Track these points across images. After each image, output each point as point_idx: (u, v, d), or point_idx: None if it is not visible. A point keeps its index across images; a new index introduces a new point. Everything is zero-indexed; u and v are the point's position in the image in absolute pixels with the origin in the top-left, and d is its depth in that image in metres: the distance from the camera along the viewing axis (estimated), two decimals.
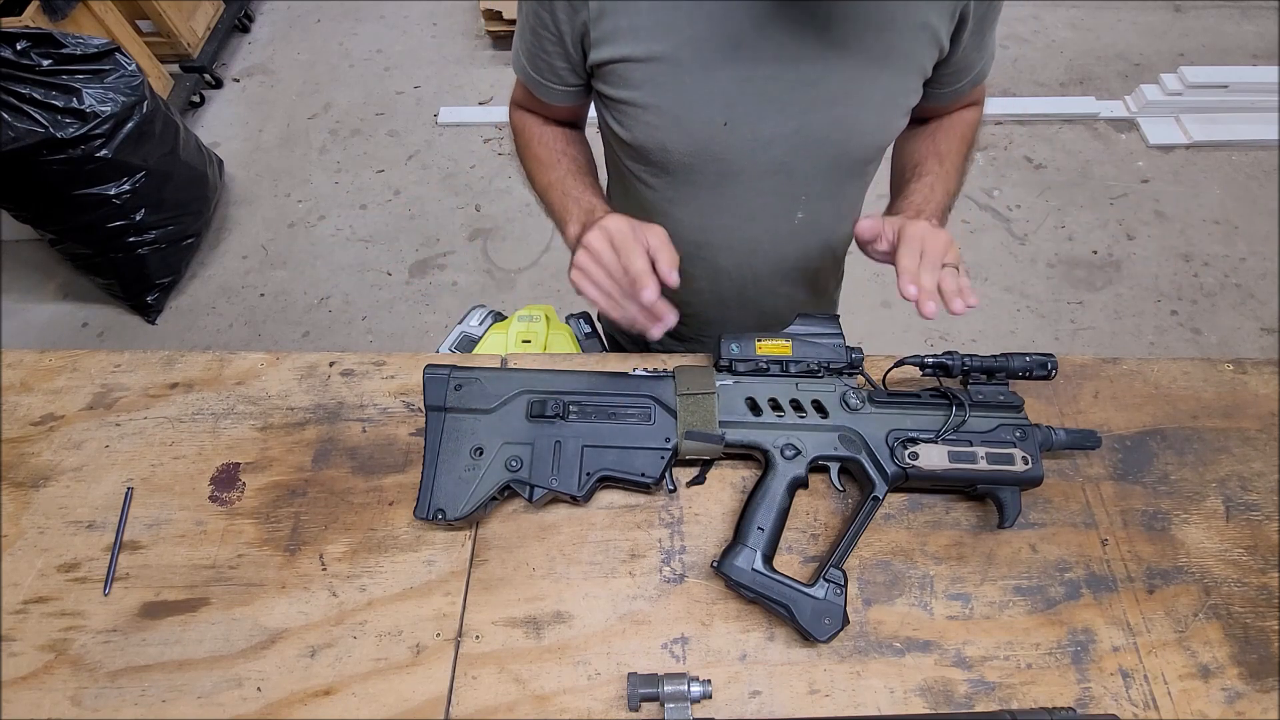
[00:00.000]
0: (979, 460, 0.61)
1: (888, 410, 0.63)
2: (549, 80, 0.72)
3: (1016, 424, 0.62)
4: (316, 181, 2.27)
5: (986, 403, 0.63)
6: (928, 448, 0.61)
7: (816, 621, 0.55)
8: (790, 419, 0.63)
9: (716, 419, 0.62)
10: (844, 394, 0.63)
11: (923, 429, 0.62)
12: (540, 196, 0.78)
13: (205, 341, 1.92)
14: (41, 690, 0.56)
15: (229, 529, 0.63)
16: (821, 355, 0.64)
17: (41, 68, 1.58)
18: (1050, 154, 2.26)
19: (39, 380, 0.73)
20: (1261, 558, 0.61)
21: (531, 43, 0.70)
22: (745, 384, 0.64)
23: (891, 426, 0.62)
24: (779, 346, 0.64)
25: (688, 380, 0.64)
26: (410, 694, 0.55)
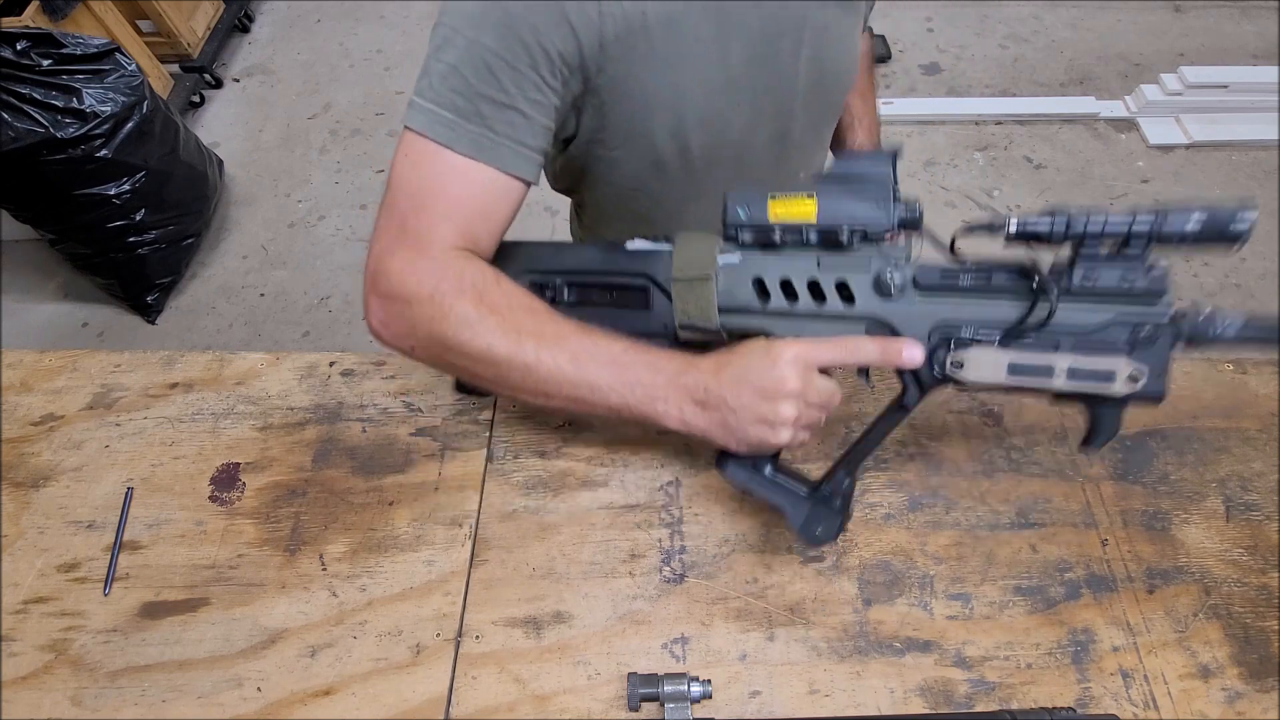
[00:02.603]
0: (1056, 375, 0.46)
1: (937, 296, 0.49)
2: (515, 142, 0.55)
3: (1140, 320, 0.45)
4: (316, 181, 2.27)
5: (1097, 289, 0.45)
6: (982, 352, 0.47)
7: (808, 528, 0.53)
8: (805, 306, 0.51)
9: (714, 307, 0.53)
10: (879, 272, 0.49)
11: (985, 323, 0.47)
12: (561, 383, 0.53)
13: (205, 341, 1.92)
14: (41, 690, 0.56)
15: (229, 529, 0.63)
16: (857, 216, 0.48)
17: (41, 68, 1.58)
18: (1050, 154, 2.26)
19: (39, 380, 0.73)
20: (1261, 558, 0.61)
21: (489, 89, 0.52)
22: (754, 261, 0.52)
23: (940, 319, 0.49)
24: (799, 206, 0.49)
25: (685, 258, 0.54)
26: (410, 694, 0.55)
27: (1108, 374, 0.46)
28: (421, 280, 0.54)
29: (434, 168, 0.54)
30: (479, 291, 0.53)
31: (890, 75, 2.48)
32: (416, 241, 0.54)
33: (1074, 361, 0.46)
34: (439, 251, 0.54)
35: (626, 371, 0.53)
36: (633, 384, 0.53)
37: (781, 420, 0.51)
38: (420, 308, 0.54)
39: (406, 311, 0.54)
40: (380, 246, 0.56)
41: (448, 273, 0.54)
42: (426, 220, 0.54)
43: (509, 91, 0.52)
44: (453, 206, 0.55)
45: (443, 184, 0.54)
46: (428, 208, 0.54)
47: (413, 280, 0.54)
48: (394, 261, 0.55)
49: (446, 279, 0.53)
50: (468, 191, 0.55)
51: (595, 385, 0.53)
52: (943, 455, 0.67)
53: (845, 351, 0.50)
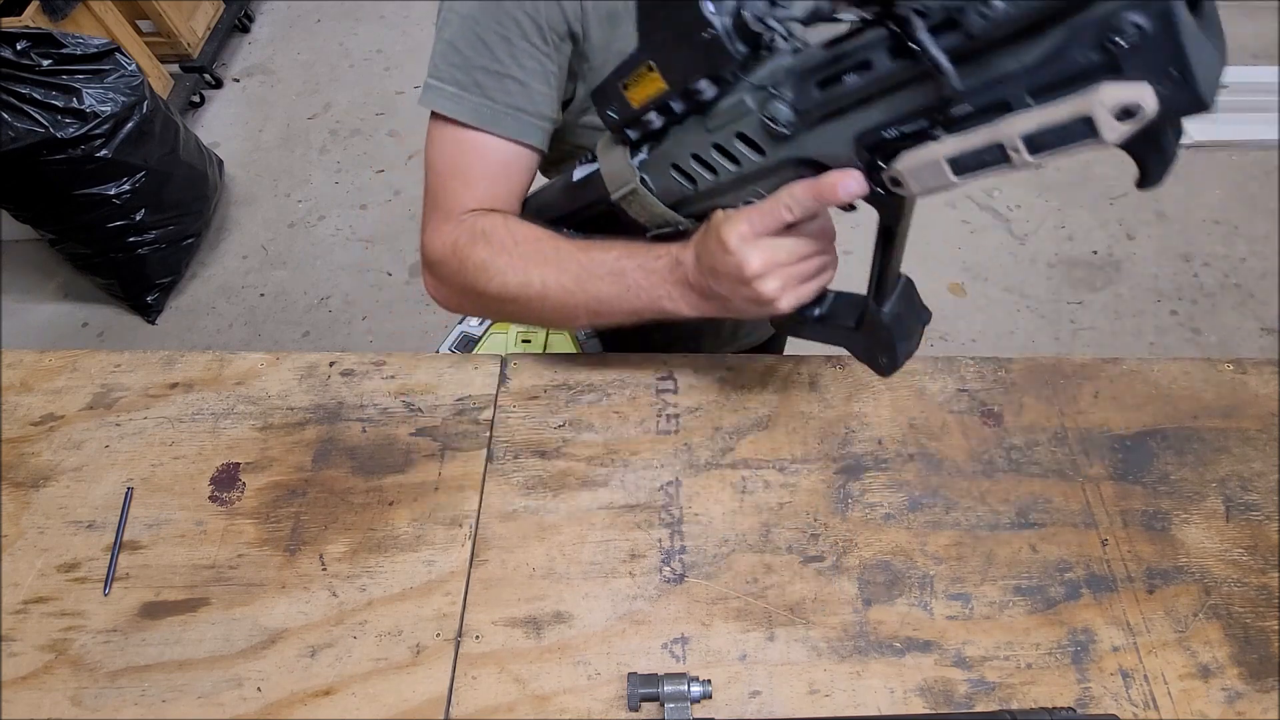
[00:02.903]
0: (1015, 154, 0.33)
1: (830, 113, 0.40)
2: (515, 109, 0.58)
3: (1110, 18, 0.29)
4: (316, 181, 2.27)
5: (1015, 16, 0.30)
6: (914, 158, 0.37)
7: (872, 359, 0.53)
8: (727, 173, 0.47)
9: (662, 208, 0.52)
10: (762, 109, 0.42)
11: (903, 115, 0.37)
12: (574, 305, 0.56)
13: (205, 341, 1.92)
14: (41, 690, 0.56)
15: (229, 529, 0.63)
16: (689, 61, 0.41)
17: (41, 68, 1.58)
18: None
19: (39, 380, 0.73)
20: (1261, 558, 0.61)
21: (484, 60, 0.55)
22: (663, 151, 0.50)
23: (856, 131, 0.40)
24: (649, 83, 0.45)
25: (610, 175, 0.53)
26: (410, 694, 0.55)
27: (1083, 122, 0.31)
28: (444, 242, 0.60)
29: (447, 141, 0.59)
30: (487, 236, 0.58)
31: None
32: (444, 211, 0.61)
33: (1032, 123, 0.32)
34: (457, 214, 0.60)
35: (625, 279, 0.54)
36: (635, 289, 0.54)
37: (769, 296, 0.49)
38: (448, 266, 0.60)
39: (442, 272, 0.61)
40: (423, 221, 0.63)
41: (463, 229, 0.59)
42: (448, 191, 0.60)
43: (503, 61, 0.55)
44: (469, 175, 0.59)
45: (456, 155, 0.59)
46: (448, 179, 0.60)
47: (439, 243, 0.61)
48: (428, 233, 0.62)
49: (462, 235, 0.59)
50: (477, 160, 0.59)
51: (603, 299, 0.55)
52: (943, 455, 0.67)
53: (781, 208, 0.46)
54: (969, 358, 0.73)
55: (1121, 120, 0.30)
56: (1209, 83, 0.29)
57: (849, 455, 0.67)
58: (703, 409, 0.70)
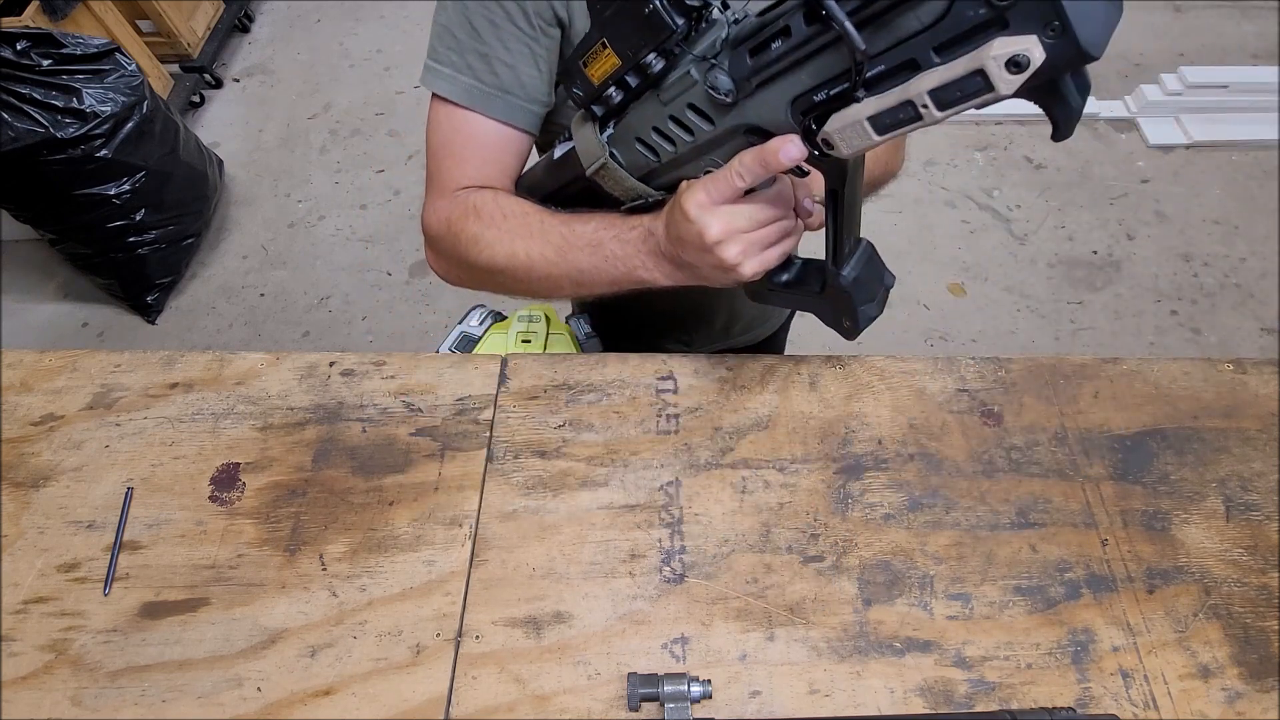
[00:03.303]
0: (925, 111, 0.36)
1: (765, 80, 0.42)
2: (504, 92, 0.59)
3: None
4: (316, 181, 2.27)
5: None
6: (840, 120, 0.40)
7: (836, 322, 0.55)
8: (685, 144, 0.50)
9: (633, 181, 0.54)
10: (705, 80, 0.45)
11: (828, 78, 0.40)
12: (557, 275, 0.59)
13: (205, 341, 1.92)
14: (41, 690, 0.56)
15: (229, 529, 0.63)
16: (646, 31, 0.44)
17: (41, 68, 1.58)
18: (1050, 154, 2.26)
19: (39, 380, 0.73)
20: (1261, 558, 0.61)
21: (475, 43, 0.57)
22: (626, 125, 0.52)
23: (790, 96, 0.42)
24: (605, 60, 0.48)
25: (583, 151, 0.55)
26: (410, 694, 0.55)
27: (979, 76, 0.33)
28: (439, 217, 0.62)
29: (443, 121, 0.61)
30: (477, 211, 0.60)
31: None
32: (440, 188, 0.63)
33: (935, 80, 0.34)
34: (451, 191, 0.62)
35: (602, 249, 0.57)
36: (612, 260, 0.56)
37: (731, 262, 0.50)
38: (443, 241, 0.63)
39: (440, 247, 0.64)
40: (424, 201, 0.65)
41: (456, 204, 0.61)
42: (444, 169, 0.62)
43: (491, 45, 0.57)
44: (462, 154, 0.61)
45: (450, 135, 0.61)
46: (444, 158, 0.62)
47: (435, 219, 0.63)
48: (427, 210, 0.64)
49: (455, 209, 0.61)
50: (470, 139, 0.61)
51: (584, 269, 0.57)
52: (943, 455, 0.67)
53: (732, 175, 0.47)
54: (969, 358, 0.74)
55: (1012, 73, 0.32)
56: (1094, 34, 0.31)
57: (849, 455, 0.67)
58: (703, 409, 0.70)
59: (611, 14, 0.45)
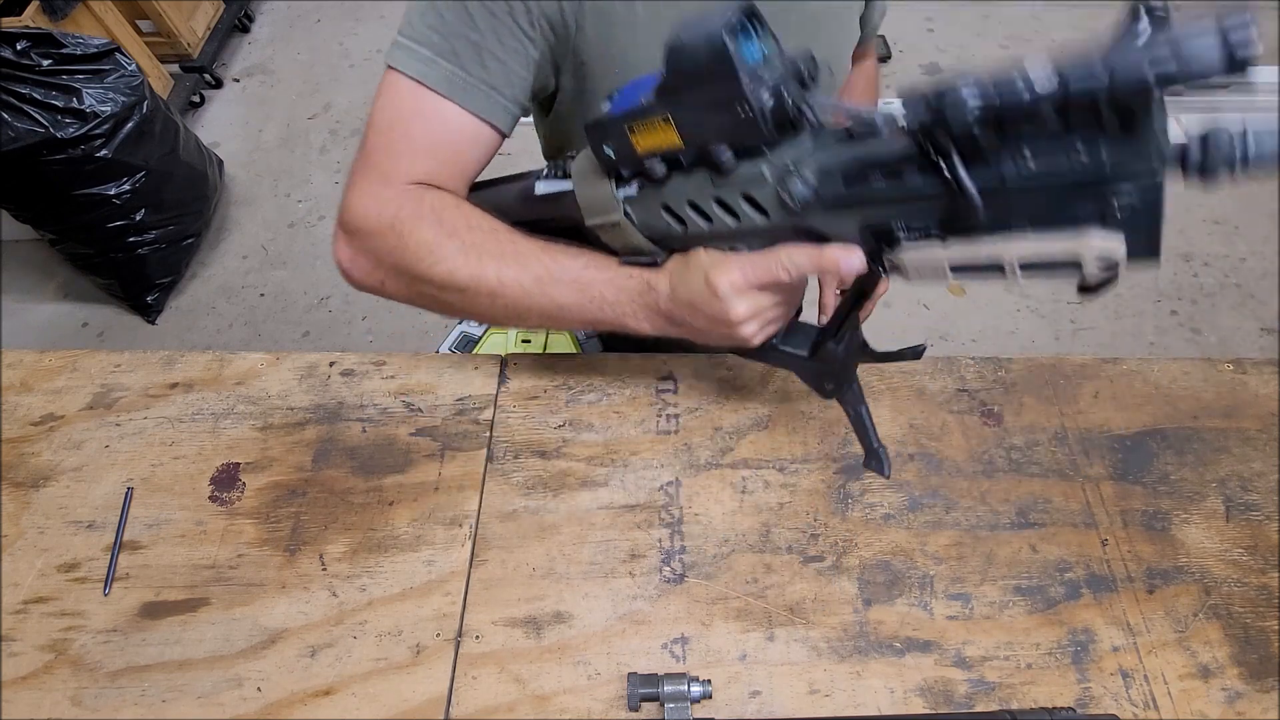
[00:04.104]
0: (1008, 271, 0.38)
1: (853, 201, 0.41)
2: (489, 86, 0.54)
3: (1115, 184, 0.33)
4: (316, 181, 2.27)
5: (1045, 175, 0.34)
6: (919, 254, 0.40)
7: (819, 384, 0.56)
8: (723, 225, 0.46)
9: (642, 240, 0.51)
10: (780, 184, 0.42)
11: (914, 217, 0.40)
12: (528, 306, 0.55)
13: (205, 341, 1.92)
14: (41, 690, 0.56)
15: (229, 529, 0.63)
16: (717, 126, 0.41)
17: (41, 68, 1.58)
18: None
19: (39, 380, 0.73)
20: (1261, 558, 0.61)
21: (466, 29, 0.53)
22: (656, 192, 0.48)
23: (865, 219, 0.41)
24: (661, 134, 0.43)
25: (588, 201, 0.51)
26: (410, 694, 0.55)
27: (1072, 261, 0.35)
28: (382, 210, 0.54)
29: (406, 103, 0.54)
30: (438, 215, 0.54)
31: (890, 75, 2.48)
32: (381, 175, 0.55)
33: (1028, 251, 0.36)
34: (401, 183, 0.55)
35: (590, 291, 0.53)
36: (599, 302, 0.54)
37: (744, 337, 0.51)
38: (382, 239, 0.55)
39: (370, 244, 0.56)
40: (349, 180, 0.57)
41: (408, 201, 0.54)
42: (394, 154, 0.55)
43: (485, 35, 0.52)
44: (421, 143, 0.55)
45: (413, 120, 0.54)
46: (396, 142, 0.55)
47: (374, 210, 0.55)
48: (358, 194, 0.56)
49: (405, 206, 0.54)
50: (437, 130, 0.55)
51: (562, 305, 0.54)
52: (943, 455, 0.67)
53: (779, 268, 0.47)
54: (969, 358, 0.74)
55: (1101, 268, 0.35)
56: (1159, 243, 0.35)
57: (849, 455, 0.67)
58: (703, 409, 0.70)
59: (691, 99, 0.41)
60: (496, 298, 0.54)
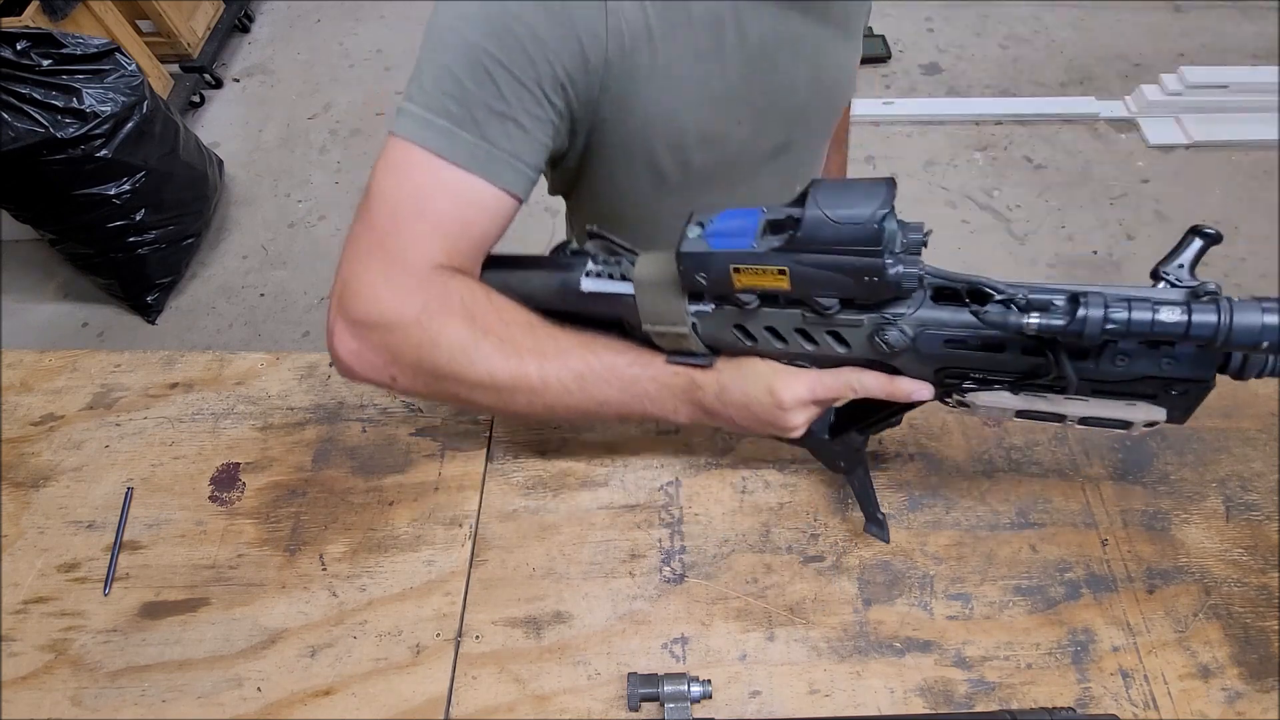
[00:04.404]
0: (1068, 421, 0.44)
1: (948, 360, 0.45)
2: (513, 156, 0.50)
3: (1184, 380, 0.41)
4: (317, 181, 2.27)
5: (1129, 376, 0.41)
6: (990, 397, 0.45)
7: (835, 463, 0.59)
8: (800, 349, 0.48)
9: (701, 348, 0.51)
10: (878, 329, 0.44)
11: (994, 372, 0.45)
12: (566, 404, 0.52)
13: (205, 341, 1.92)
14: (41, 690, 0.56)
15: (229, 529, 0.63)
16: (838, 285, 0.42)
17: (41, 68, 1.58)
18: (1050, 154, 2.26)
19: (39, 380, 0.73)
20: (1261, 558, 0.61)
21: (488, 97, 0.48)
22: (734, 313, 0.48)
23: (945, 366, 0.46)
24: (769, 279, 0.43)
25: (652, 310, 0.49)
26: (410, 694, 0.55)
27: (1124, 422, 0.43)
28: (405, 302, 0.49)
29: (423, 178, 0.49)
30: (470, 311, 0.50)
31: (890, 75, 2.48)
32: (398, 259, 0.49)
33: (1090, 410, 0.43)
34: (423, 270, 0.49)
35: (634, 387, 0.52)
36: (641, 398, 0.53)
37: (793, 436, 0.54)
38: (404, 333, 0.49)
39: (387, 339, 0.50)
40: (353, 264, 0.51)
41: (433, 292, 0.49)
42: (410, 235, 0.49)
43: (509, 102, 0.48)
44: (440, 221, 0.50)
45: (431, 196, 0.50)
46: (412, 221, 0.50)
47: (394, 302, 0.49)
48: (370, 282, 0.50)
49: (433, 299, 0.49)
50: (458, 205, 0.50)
51: (605, 402, 0.53)
52: (943, 455, 0.67)
53: (847, 388, 0.49)
54: None
55: (1144, 425, 0.43)
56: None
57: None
58: None
59: (818, 260, 0.41)
60: (536, 396, 0.51)
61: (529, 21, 0.47)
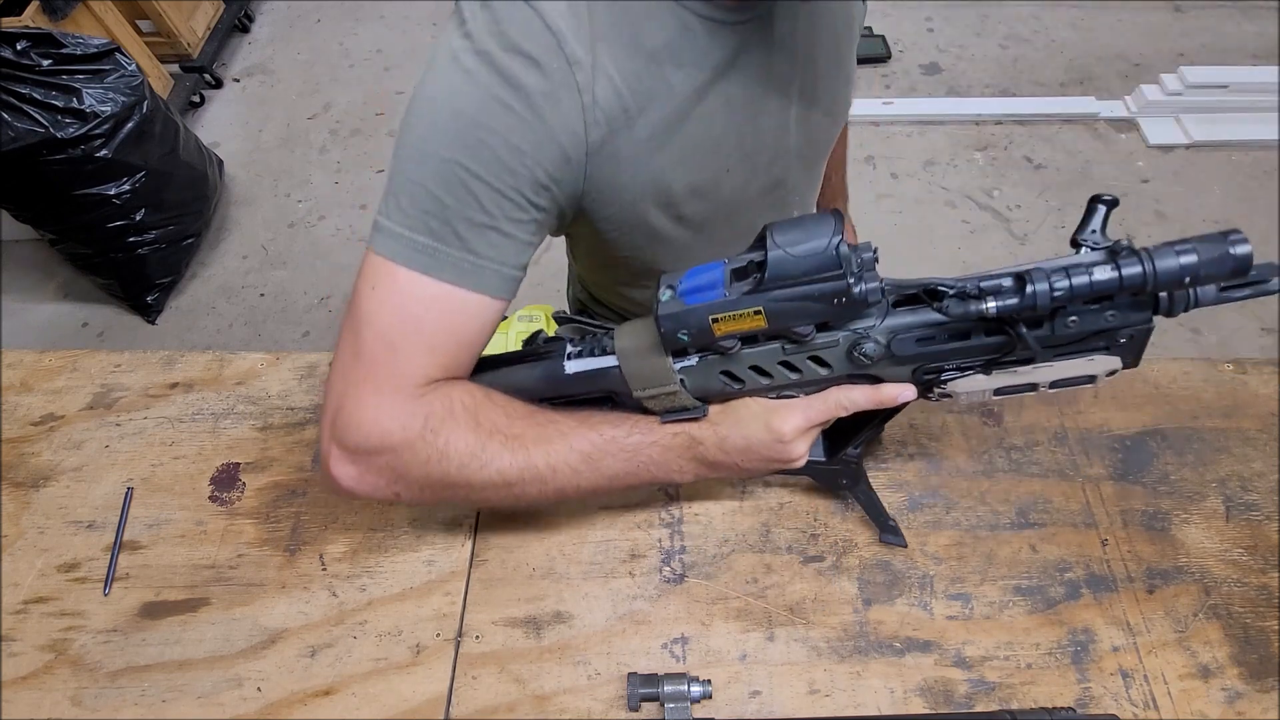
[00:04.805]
0: (1040, 388, 0.49)
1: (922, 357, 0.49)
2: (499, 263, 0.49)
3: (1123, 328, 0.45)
4: (316, 181, 2.27)
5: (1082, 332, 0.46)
6: (968, 382, 0.49)
7: (836, 485, 0.62)
8: (785, 379, 0.50)
9: (692, 402, 0.52)
10: (854, 344, 0.47)
11: (967, 360, 0.48)
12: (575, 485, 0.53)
13: (205, 341, 1.92)
14: (41, 690, 0.56)
15: (229, 529, 0.63)
16: (811, 313, 0.45)
17: (41, 68, 1.58)
18: (1050, 154, 2.26)
19: (39, 380, 0.73)
20: (1261, 558, 0.61)
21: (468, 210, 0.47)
22: (718, 360, 0.50)
23: (922, 364, 0.49)
24: (748, 321, 0.45)
25: (638, 375, 0.51)
26: (410, 694, 0.55)
27: (1089, 377, 0.48)
28: (406, 424, 0.49)
29: (408, 297, 0.48)
30: (473, 416, 0.50)
31: (890, 75, 2.48)
32: (392, 381, 0.49)
33: (1057, 374, 0.48)
34: (415, 389, 0.49)
35: (638, 456, 0.53)
36: (647, 464, 0.54)
37: (794, 464, 0.55)
38: (409, 453, 0.49)
39: (391, 461, 0.50)
40: (346, 390, 0.49)
41: (435, 406, 0.49)
42: (402, 357, 0.49)
43: (490, 213, 0.47)
44: (431, 337, 0.49)
45: (419, 314, 0.48)
46: (403, 343, 0.48)
47: (394, 425, 0.49)
48: (366, 409, 0.49)
49: (435, 412, 0.49)
50: (448, 320, 0.49)
51: (614, 476, 0.54)
52: (943, 455, 0.67)
53: (838, 407, 0.52)
54: None
55: (1106, 375, 0.48)
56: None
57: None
58: None
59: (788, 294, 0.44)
60: (547, 483, 0.52)
61: (503, 132, 0.45)
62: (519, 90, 0.45)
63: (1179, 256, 0.39)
